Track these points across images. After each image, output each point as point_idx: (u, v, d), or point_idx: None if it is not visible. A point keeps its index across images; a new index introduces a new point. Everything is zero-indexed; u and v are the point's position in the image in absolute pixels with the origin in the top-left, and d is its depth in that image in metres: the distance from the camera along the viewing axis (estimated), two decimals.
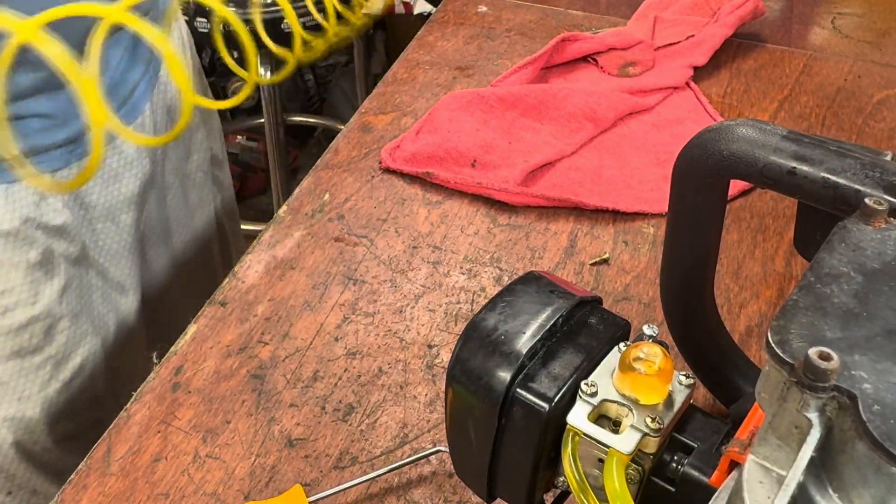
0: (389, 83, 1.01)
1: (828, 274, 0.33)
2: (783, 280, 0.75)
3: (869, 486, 0.27)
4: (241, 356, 0.69)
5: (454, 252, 0.79)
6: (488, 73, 1.02)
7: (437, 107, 0.93)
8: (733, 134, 0.45)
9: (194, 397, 0.66)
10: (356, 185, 0.86)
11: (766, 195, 0.84)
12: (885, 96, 0.99)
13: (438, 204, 0.84)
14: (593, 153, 0.90)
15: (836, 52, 1.07)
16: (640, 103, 0.95)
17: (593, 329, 0.43)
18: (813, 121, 0.95)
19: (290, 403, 0.65)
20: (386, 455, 0.61)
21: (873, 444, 0.26)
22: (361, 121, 0.95)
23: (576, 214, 0.82)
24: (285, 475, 0.60)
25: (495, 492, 0.45)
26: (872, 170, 0.41)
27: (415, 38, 1.11)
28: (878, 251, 0.34)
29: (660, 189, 0.84)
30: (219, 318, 0.72)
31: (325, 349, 0.69)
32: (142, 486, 0.60)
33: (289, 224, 0.81)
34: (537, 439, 0.41)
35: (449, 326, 0.71)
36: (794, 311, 0.31)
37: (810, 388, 0.28)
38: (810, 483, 0.28)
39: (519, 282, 0.45)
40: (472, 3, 1.17)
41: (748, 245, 0.79)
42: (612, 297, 0.74)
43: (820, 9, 1.18)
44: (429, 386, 0.66)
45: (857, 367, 0.28)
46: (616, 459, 0.38)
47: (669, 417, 0.39)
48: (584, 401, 0.40)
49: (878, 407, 0.27)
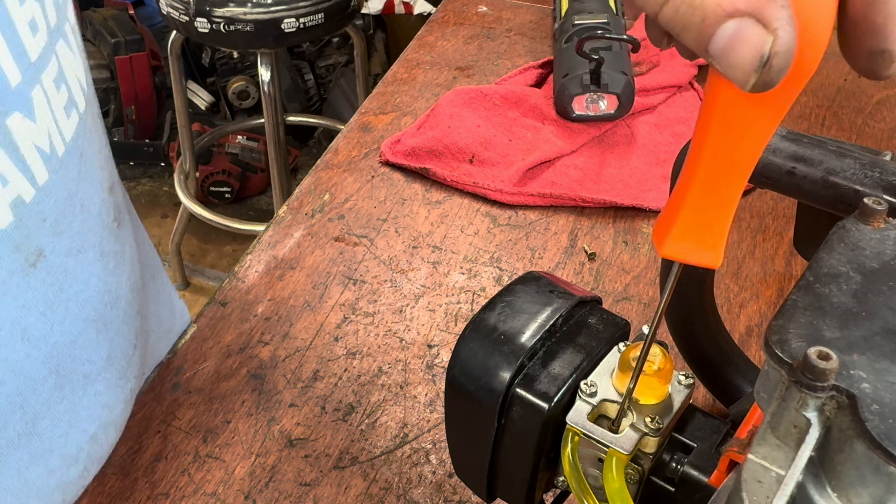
0: (389, 83, 1.01)
1: (827, 274, 0.33)
2: (783, 280, 0.75)
3: (867, 485, 0.27)
4: (241, 356, 0.69)
5: (454, 252, 0.79)
6: (488, 73, 1.03)
7: (440, 103, 0.93)
8: None
9: (194, 397, 0.66)
10: (356, 184, 0.86)
11: (766, 195, 0.84)
12: (885, 96, 0.99)
13: (438, 204, 0.84)
14: (594, 152, 0.90)
15: (836, 51, 1.07)
16: (643, 103, 0.95)
17: (593, 329, 0.43)
18: (812, 121, 0.95)
19: (290, 403, 0.65)
20: (386, 455, 0.62)
21: (872, 444, 0.26)
22: (361, 121, 0.95)
23: (576, 214, 0.83)
24: (285, 475, 0.60)
25: (495, 492, 0.45)
26: (872, 170, 0.41)
27: (415, 38, 1.11)
28: (877, 251, 0.34)
29: (660, 188, 0.84)
30: (219, 318, 0.72)
31: (325, 349, 0.69)
32: (141, 485, 0.60)
33: (289, 224, 0.81)
34: (537, 439, 0.41)
35: (449, 326, 0.71)
36: (793, 310, 0.31)
37: (809, 387, 0.28)
38: (809, 482, 0.28)
39: (519, 282, 0.45)
40: (472, 3, 1.17)
41: (748, 245, 0.79)
42: (612, 297, 0.74)
43: None
44: (429, 386, 0.66)
45: (856, 366, 0.28)
46: (615, 459, 0.38)
47: (669, 417, 0.39)
48: (583, 400, 0.40)
49: (877, 406, 0.27)
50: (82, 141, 0.51)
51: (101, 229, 0.54)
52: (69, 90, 0.50)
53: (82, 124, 0.52)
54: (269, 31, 1.63)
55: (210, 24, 1.61)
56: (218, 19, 1.61)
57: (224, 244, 2.39)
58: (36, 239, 0.47)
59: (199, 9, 1.60)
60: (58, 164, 0.48)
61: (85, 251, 0.52)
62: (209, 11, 1.60)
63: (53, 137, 0.48)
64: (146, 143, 2.53)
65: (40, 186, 0.46)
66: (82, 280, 0.52)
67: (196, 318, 0.72)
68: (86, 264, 0.53)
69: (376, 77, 2.28)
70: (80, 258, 0.52)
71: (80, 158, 0.51)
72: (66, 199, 0.50)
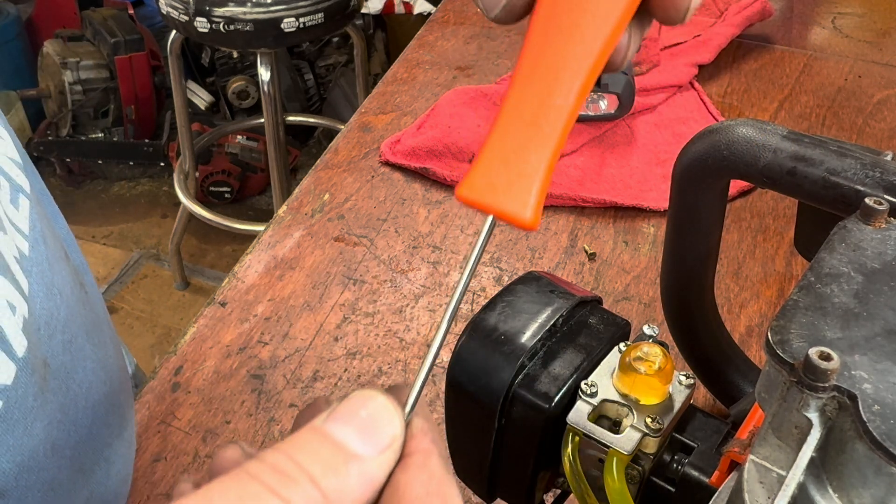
0: (389, 83, 1.01)
1: (828, 274, 0.33)
2: (783, 280, 0.75)
3: (869, 485, 0.27)
4: (240, 356, 0.69)
5: (454, 252, 0.78)
6: (488, 72, 1.02)
7: (441, 102, 0.93)
8: (734, 134, 0.45)
9: (194, 397, 0.66)
10: (356, 184, 0.86)
11: (767, 195, 0.84)
12: (886, 96, 0.98)
13: (438, 204, 0.84)
14: (594, 152, 0.90)
15: (836, 51, 1.07)
16: (643, 102, 0.95)
17: (593, 329, 0.43)
18: (813, 121, 0.95)
19: (289, 403, 0.65)
20: None
21: (873, 444, 0.26)
22: (361, 121, 0.95)
23: (576, 214, 0.82)
24: None
25: (495, 492, 0.45)
26: (873, 170, 0.41)
27: (415, 38, 1.11)
28: (879, 251, 0.34)
29: (660, 188, 0.84)
30: (218, 318, 0.72)
31: (325, 349, 0.69)
32: (141, 486, 0.60)
33: (289, 224, 0.81)
34: (537, 439, 0.40)
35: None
36: (794, 311, 0.31)
37: (810, 388, 0.28)
38: (810, 483, 0.28)
39: (519, 282, 0.45)
40: (472, 3, 1.17)
41: (748, 245, 0.79)
42: (612, 297, 0.74)
43: (820, 9, 1.18)
44: (429, 386, 0.66)
45: (857, 367, 0.28)
46: (616, 459, 0.38)
47: (669, 417, 0.39)
48: (584, 401, 0.40)
49: (878, 407, 0.27)
50: (39, 222, 0.47)
51: (75, 304, 0.50)
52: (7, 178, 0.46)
53: (33, 205, 0.47)
54: (269, 31, 1.63)
55: (210, 24, 1.61)
56: (217, 19, 1.60)
57: (224, 244, 2.39)
58: (40, 352, 0.45)
59: (198, 8, 1.60)
60: (33, 263, 0.45)
61: (74, 338, 0.49)
62: (209, 11, 1.60)
63: (17, 241, 0.44)
64: (146, 142, 2.53)
65: (28, 295, 0.43)
66: (80, 367, 0.49)
67: (196, 319, 0.72)
68: (76, 351, 0.49)
69: (376, 77, 2.28)
70: (72, 348, 0.49)
71: (44, 241, 0.47)
72: (47, 295, 0.46)
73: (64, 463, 0.47)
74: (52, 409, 0.46)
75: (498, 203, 0.26)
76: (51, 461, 0.46)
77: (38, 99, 2.54)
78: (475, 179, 0.26)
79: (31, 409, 0.43)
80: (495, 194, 0.26)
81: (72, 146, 2.51)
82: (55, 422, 0.46)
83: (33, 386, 0.43)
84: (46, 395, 0.45)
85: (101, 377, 0.52)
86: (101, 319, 0.55)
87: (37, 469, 0.44)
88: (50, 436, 0.45)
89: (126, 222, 2.50)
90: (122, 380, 0.57)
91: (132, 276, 2.33)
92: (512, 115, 0.26)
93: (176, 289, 2.28)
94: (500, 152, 0.26)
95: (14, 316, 0.41)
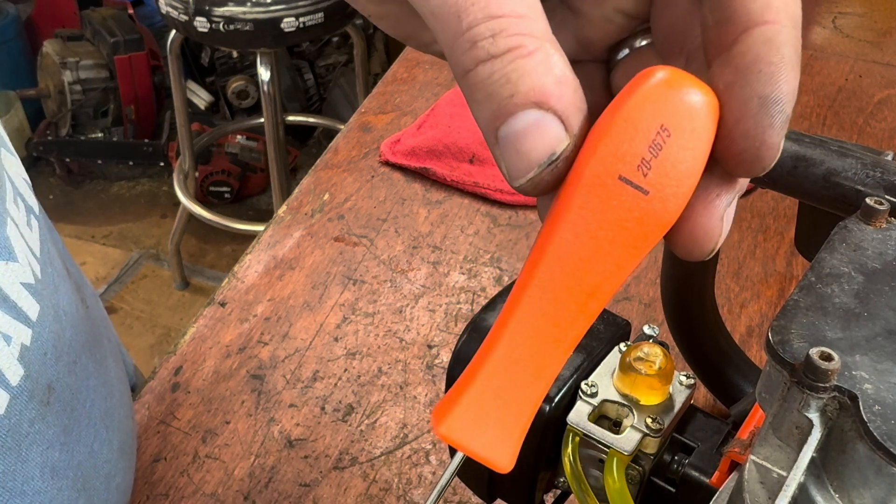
0: (389, 83, 1.01)
1: (828, 274, 0.33)
2: (784, 280, 0.75)
3: (870, 486, 0.27)
4: (240, 356, 0.69)
5: (454, 252, 0.78)
6: None
7: (441, 102, 0.93)
8: None
9: (193, 397, 0.65)
10: (356, 184, 0.86)
11: (767, 195, 0.84)
12: (886, 96, 0.98)
13: (438, 204, 0.84)
14: None
15: (836, 51, 1.07)
16: None
17: (593, 329, 0.43)
18: (814, 120, 0.95)
19: (289, 404, 0.65)
20: (386, 455, 0.61)
21: (874, 445, 0.26)
22: (361, 120, 0.95)
23: None
24: (285, 475, 0.60)
25: (495, 492, 0.45)
26: (873, 169, 0.41)
27: None
28: (879, 251, 0.34)
29: None
30: (218, 318, 0.72)
31: (325, 349, 0.69)
32: (141, 486, 0.60)
33: (288, 224, 0.81)
34: (537, 439, 0.40)
35: (449, 326, 0.71)
36: (794, 311, 0.31)
37: (811, 388, 0.28)
38: (811, 483, 0.28)
39: None
40: None
41: (749, 245, 0.79)
42: (613, 297, 0.74)
43: (821, 8, 1.17)
44: (429, 386, 0.66)
45: (858, 367, 0.28)
46: (616, 460, 0.38)
47: (670, 418, 0.39)
48: (584, 401, 0.40)
49: (879, 407, 0.27)
50: (47, 244, 0.47)
51: (78, 323, 0.49)
52: (22, 198, 0.45)
53: (41, 225, 0.47)
54: (269, 31, 1.63)
55: (209, 24, 1.61)
56: (217, 19, 1.60)
57: (223, 244, 2.39)
58: (44, 377, 0.44)
59: (198, 8, 1.60)
60: (41, 287, 0.44)
61: (78, 358, 0.48)
62: (208, 11, 1.60)
63: (32, 263, 0.43)
64: (145, 142, 2.53)
65: (34, 322, 0.43)
66: (84, 387, 0.49)
67: (195, 319, 0.72)
68: (80, 370, 0.49)
69: (376, 77, 2.28)
70: (76, 369, 0.48)
71: (51, 263, 0.47)
72: (54, 318, 0.45)
73: (65, 483, 0.47)
74: (55, 431, 0.45)
75: (479, 449, 0.25)
76: (49, 484, 0.45)
77: (37, 99, 2.55)
78: (457, 418, 0.25)
79: (27, 436, 0.43)
80: (477, 440, 0.25)
81: (71, 146, 2.51)
82: (57, 444, 0.45)
83: (29, 412, 0.43)
84: (47, 419, 0.44)
85: (102, 393, 0.52)
86: (100, 333, 0.55)
87: (31, 493, 0.44)
88: (49, 459, 0.45)
89: (126, 222, 2.50)
90: (122, 391, 0.57)
91: (132, 276, 2.33)
92: (510, 348, 0.24)
93: (175, 289, 2.28)
94: (488, 391, 0.25)
95: (9, 346, 0.41)
